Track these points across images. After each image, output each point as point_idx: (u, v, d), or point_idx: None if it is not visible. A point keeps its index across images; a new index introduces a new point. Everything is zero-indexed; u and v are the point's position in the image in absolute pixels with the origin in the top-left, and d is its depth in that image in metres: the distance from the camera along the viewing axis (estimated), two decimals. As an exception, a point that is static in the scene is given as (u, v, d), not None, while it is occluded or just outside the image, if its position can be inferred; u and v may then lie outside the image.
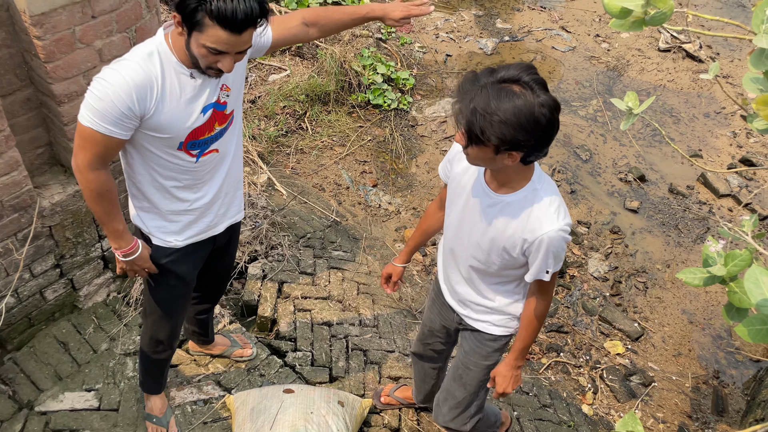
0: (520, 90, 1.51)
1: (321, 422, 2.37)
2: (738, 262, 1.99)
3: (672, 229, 4.54)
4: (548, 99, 1.52)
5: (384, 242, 3.96)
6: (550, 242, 1.70)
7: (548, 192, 1.72)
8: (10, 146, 2.16)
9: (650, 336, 3.80)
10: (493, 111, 1.49)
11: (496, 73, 1.55)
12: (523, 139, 1.52)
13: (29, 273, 2.54)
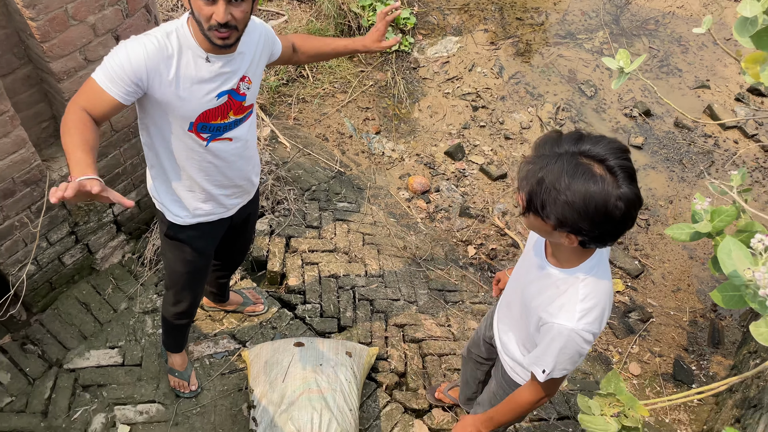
0: (601, 173, 1.31)
1: (330, 373, 2.52)
2: (724, 217, 2.05)
3: (676, 164, 4.56)
4: (629, 193, 1.32)
5: (388, 191, 4.03)
6: (557, 337, 1.53)
7: (590, 288, 1.51)
8: (15, 125, 2.22)
9: (650, 273, 3.90)
10: (561, 189, 1.32)
11: (581, 143, 1.35)
12: (587, 228, 1.36)
13: (46, 242, 2.65)
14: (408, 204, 4.03)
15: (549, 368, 1.59)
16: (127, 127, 2.67)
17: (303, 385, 2.44)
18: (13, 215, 2.43)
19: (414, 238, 3.70)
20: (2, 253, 2.49)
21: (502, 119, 4.69)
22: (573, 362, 1.57)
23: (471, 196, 4.18)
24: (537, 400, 1.73)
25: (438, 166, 4.34)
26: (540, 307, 1.59)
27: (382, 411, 2.75)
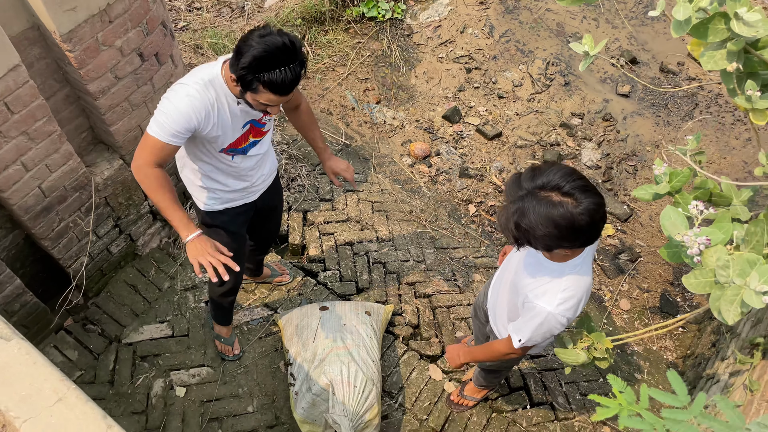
0: (559, 200, 1.56)
1: (353, 331, 2.92)
2: (680, 178, 2.38)
3: (662, 109, 4.81)
4: (589, 205, 1.57)
5: (392, 158, 4.35)
6: (537, 315, 1.84)
7: (572, 281, 1.81)
8: (63, 142, 2.56)
9: (638, 215, 4.23)
10: (534, 225, 1.58)
11: (536, 179, 1.61)
12: (569, 243, 1.63)
13: (95, 236, 3.03)
14: (411, 169, 4.35)
15: (524, 339, 1.93)
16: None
17: (331, 344, 2.84)
18: (67, 217, 2.79)
19: (419, 202, 4.03)
20: (60, 249, 2.86)
21: (494, 79, 4.93)
22: (544, 338, 1.91)
23: (469, 157, 4.49)
24: (507, 353, 2.10)
25: (437, 130, 4.63)
26: (527, 288, 1.89)
27: (400, 359, 3.16)
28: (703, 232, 1.72)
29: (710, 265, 1.68)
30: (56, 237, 2.80)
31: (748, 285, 1.46)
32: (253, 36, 1.84)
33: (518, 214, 1.61)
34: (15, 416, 1.14)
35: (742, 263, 1.55)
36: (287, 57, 1.83)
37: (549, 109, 4.78)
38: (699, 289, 1.70)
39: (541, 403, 3.13)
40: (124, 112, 2.74)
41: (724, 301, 1.52)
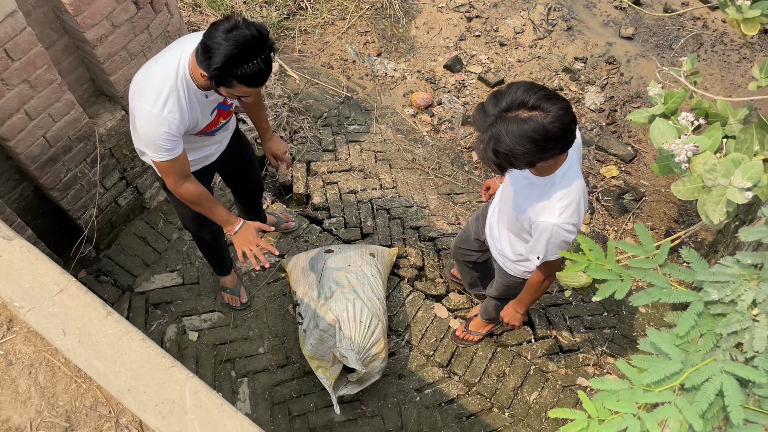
0: (527, 115, 1.59)
1: (358, 272, 2.97)
2: (675, 99, 2.39)
3: (666, 50, 4.75)
4: (557, 111, 1.60)
5: (394, 109, 4.35)
6: (543, 231, 1.89)
7: (565, 188, 1.85)
8: (64, 91, 2.60)
9: (642, 156, 4.22)
10: (512, 147, 1.60)
11: (500, 102, 1.62)
12: (549, 153, 1.66)
13: (103, 188, 3.09)
14: (413, 119, 4.35)
15: (541, 255, 1.98)
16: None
17: (336, 283, 2.90)
18: (74, 167, 2.85)
19: (421, 150, 4.05)
20: (69, 200, 2.93)
21: (496, 26, 4.89)
22: (560, 248, 1.93)
23: (472, 105, 4.48)
24: (542, 281, 2.17)
25: (438, 80, 4.62)
26: (529, 210, 1.94)
27: (406, 299, 3.23)
28: (691, 140, 1.73)
29: (698, 171, 1.69)
30: (64, 188, 2.86)
31: (733, 183, 1.47)
32: (218, 32, 1.81)
33: (493, 140, 1.62)
34: (19, 306, 1.21)
35: (727, 164, 1.56)
36: (258, 49, 1.82)
37: (551, 54, 4.74)
38: (687, 196, 1.72)
39: (545, 337, 3.18)
40: (122, 62, 2.77)
41: (710, 201, 1.54)
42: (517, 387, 3.03)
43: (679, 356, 0.87)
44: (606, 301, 3.39)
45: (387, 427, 2.90)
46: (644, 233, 1.18)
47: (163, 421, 1.08)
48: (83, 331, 1.16)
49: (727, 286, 0.88)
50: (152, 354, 1.18)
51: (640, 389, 0.90)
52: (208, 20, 4.34)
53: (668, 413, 0.83)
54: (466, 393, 3.00)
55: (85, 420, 1.16)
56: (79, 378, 1.19)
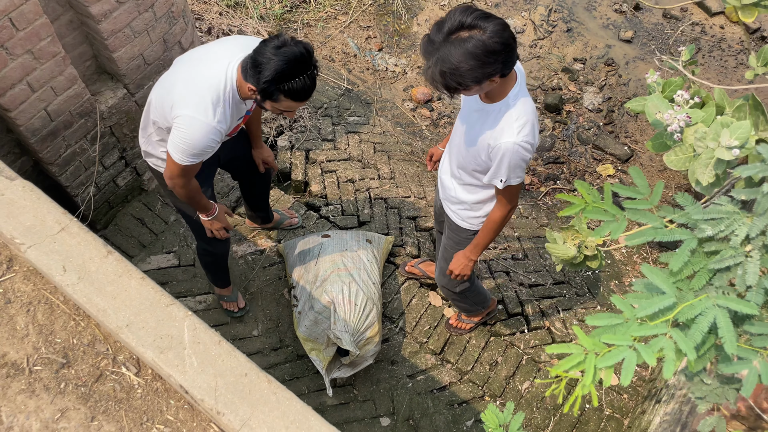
0: (468, 34, 1.67)
1: (354, 256, 2.98)
2: (673, 87, 2.41)
3: (664, 54, 4.79)
4: (494, 27, 1.67)
5: (394, 103, 4.38)
6: (505, 152, 1.92)
7: (519, 108, 1.90)
8: (67, 64, 2.61)
9: (639, 156, 4.26)
10: (456, 66, 1.67)
11: (443, 27, 1.70)
12: (493, 69, 1.72)
13: (102, 166, 3.09)
14: (413, 113, 4.38)
15: (504, 177, 2.00)
16: (158, 60, 3.04)
17: (332, 266, 2.91)
18: (74, 143, 2.86)
19: (420, 143, 4.07)
20: (68, 177, 2.94)
21: (497, 26, 4.93)
22: (521, 168, 1.99)
23: (471, 101, 4.51)
24: (507, 213, 2.16)
25: (439, 76, 4.65)
26: (486, 138, 1.97)
27: (401, 287, 3.23)
28: (683, 111, 1.76)
29: (690, 141, 1.72)
30: (63, 163, 2.87)
31: (721, 143, 1.50)
32: (268, 48, 1.89)
33: (439, 63, 1.69)
34: (20, 243, 1.21)
35: (716, 127, 1.59)
36: (305, 65, 1.90)
37: (551, 54, 4.78)
38: (679, 165, 1.74)
39: (538, 328, 3.19)
40: (126, 39, 2.79)
41: (699, 164, 1.56)
42: (509, 376, 3.03)
43: (672, 291, 0.88)
44: (600, 296, 3.40)
45: (379, 411, 2.91)
46: (639, 176, 1.20)
47: (161, 355, 1.09)
48: (83, 268, 1.16)
49: (721, 222, 0.90)
50: (152, 292, 1.18)
51: (635, 323, 0.91)
52: (212, 9, 4.37)
53: (663, 344, 0.84)
54: (458, 380, 3.01)
55: (83, 357, 1.17)
56: (78, 316, 1.19)
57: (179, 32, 3.07)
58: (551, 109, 4.44)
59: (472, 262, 2.37)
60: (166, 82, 2.12)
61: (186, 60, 2.14)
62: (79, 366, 1.17)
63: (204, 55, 2.12)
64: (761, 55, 2.16)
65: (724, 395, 1.01)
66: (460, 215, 2.36)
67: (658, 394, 2.66)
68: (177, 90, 2.05)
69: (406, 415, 2.90)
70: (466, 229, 2.38)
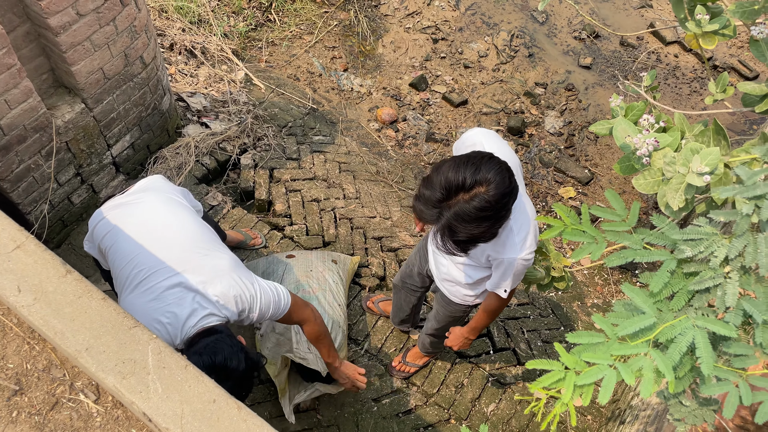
0: (469, 196, 1.55)
1: (319, 277, 2.93)
2: (636, 112, 2.47)
3: (622, 81, 4.94)
4: (495, 178, 1.55)
5: (359, 123, 4.37)
6: (509, 266, 1.86)
7: (519, 221, 1.82)
8: (23, 77, 2.51)
9: (599, 179, 4.35)
10: (469, 232, 1.57)
11: (435, 191, 1.57)
12: (506, 217, 1.63)
13: (57, 183, 2.98)
14: (378, 134, 4.38)
15: (508, 288, 1.97)
16: (118, 74, 2.96)
17: (296, 287, 2.85)
18: (27, 159, 2.74)
19: (386, 164, 4.07)
20: (20, 193, 2.81)
21: (461, 49, 5.00)
22: (522, 275, 1.95)
23: (436, 123, 4.54)
24: (503, 305, 2.15)
25: (404, 97, 4.67)
26: (485, 248, 1.89)
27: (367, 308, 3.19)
28: (652, 135, 1.80)
29: (658, 166, 1.75)
30: (15, 180, 2.74)
31: (692, 169, 1.53)
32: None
33: (448, 232, 1.59)
34: (-30, 262, 1.13)
35: (686, 152, 1.62)
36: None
37: (513, 78, 4.87)
38: (647, 189, 1.77)
39: (504, 348, 3.19)
40: (86, 52, 2.71)
41: (670, 189, 1.59)
42: (475, 398, 3.01)
43: (653, 311, 0.88)
44: (563, 316, 3.43)
45: (343, 437, 2.84)
46: (615, 198, 1.20)
47: (123, 381, 1.01)
48: (40, 289, 1.09)
49: (700, 243, 0.90)
50: (114, 313, 1.11)
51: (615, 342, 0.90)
52: (175, 25, 4.30)
53: (643, 363, 0.83)
54: (424, 404, 2.97)
55: (37, 383, 1.08)
56: (33, 340, 1.11)
57: (141, 47, 3.00)
58: (514, 132, 4.51)
59: (470, 341, 2.36)
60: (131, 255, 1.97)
61: (167, 259, 1.94)
62: (33, 393, 1.08)
63: (188, 278, 1.91)
64: (720, 81, 2.24)
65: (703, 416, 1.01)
66: (453, 292, 2.31)
67: (622, 415, 2.68)
68: (134, 311, 1.88)
69: (372, 439, 2.84)
70: (460, 304, 2.36)
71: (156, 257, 1.92)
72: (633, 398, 2.66)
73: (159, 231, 2.02)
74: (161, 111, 3.40)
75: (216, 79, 4.13)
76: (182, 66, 4.11)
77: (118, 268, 1.98)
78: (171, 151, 3.54)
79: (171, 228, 2.03)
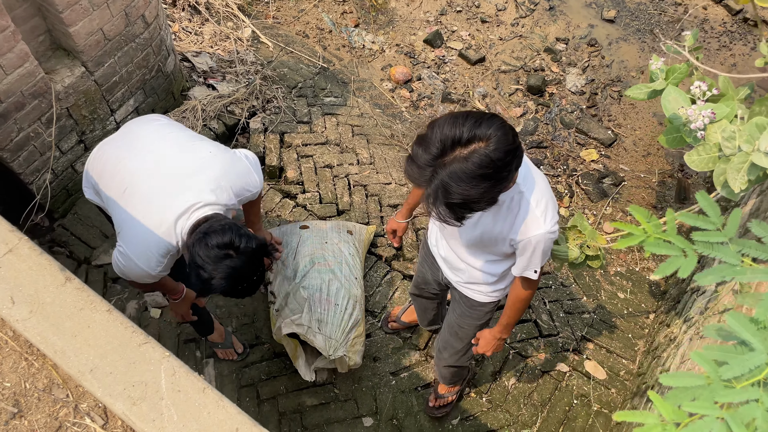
0: (468, 152, 1.36)
1: (335, 249, 2.82)
2: (677, 75, 2.28)
3: (647, 34, 4.70)
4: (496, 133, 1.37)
5: (372, 83, 4.18)
6: (537, 244, 1.69)
7: (534, 192, 1.66)
8: (18, 40, 2.35)
9: (622, 141, 4.17)
10: (465, 193, 1.37)
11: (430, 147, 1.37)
12: (507, 180, 1.44)
13: (59, 151, 2.84)
14: (392, 94, 4.19)
15: (538, 267, 1.78)
16: (119, 35, 2.79)
17: (311, 261, 2.74)
18: (26, 127, 2.60)
19: (400, 126, 3.90)
20: (21, 163, 2.68)
21: (477, 3, 4.75)
22: (550, 251, 1.78)
23: (452, 82, 4.34)
24: (533, 290, 1.95)
25: (418, 55, 4.46)
26: (504, 232, 1.73)
27: (383, 279, 3.09)
28: (708, 106, 1.63)
29: (714, 140, 1.59)
30: (15, 149, 2.61)
31: (758, 148, 1.37)
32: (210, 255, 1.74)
33: (441, 193, 1.38)
34: (-42, 270, 1.01)
35: (750, 129, 1.46)
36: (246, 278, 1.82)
37: (533, 34, 4.63)
38: (702, 166, 1.62)
39: (525, 320, 3.09)
40: (84, 12, 2.53)
41: (731, 169, 1.44)
42: (496, 372, 2.93)
43: (764, 346, 0.74)
44: (585, 286, 3.32)
45: (361, 411, 2.78)
46: (709, 204, 1.01)
47: (134, 407, 0.91)
48: (36, 300, 0.97)
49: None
50: (121, 328, 1.00)
51: (719, 385, 0.77)
52: None
53: (755, 413, 0.71)
54: (443, 377, 2.89)
55: (37, 405, 0.98)
56: (31, 355, 1.01)
57: (143, 5, 2.81)
58: (534, 91, 4.31)
59: (503, 341, 2.14)
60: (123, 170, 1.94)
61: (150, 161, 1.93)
62: (34, 416, 0.98)
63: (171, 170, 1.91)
64: (775, 42, 2.04)
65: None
66: (480, 290, 2.11)
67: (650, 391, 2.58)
68: (124, 220, 1.89)
69: (390, 414, 2.78)
70: (487, 302, 2.15)
71: (138, 163, 1.93)
72: (662, 374, 2.56)
73: (139, 141, 2.02)
74: (165, 73, 3.23)
75: (222, 37, 3.93)
76: (186, 23, 3.91)
77: (107, 187, 1.98)
78: (177, 115, 3.38)
79: (149, 137, 2.03)
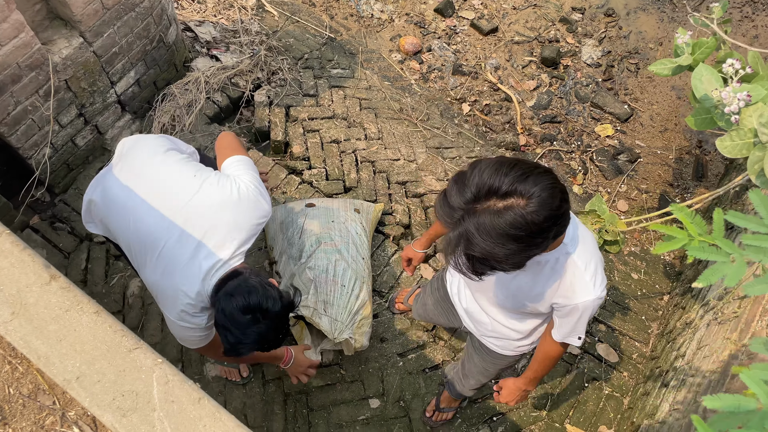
0: (503, 204, 1.20)
1: (342, 228, 2.74)
2: (704, 49, 2.16)
3: (666, 3, 4.52)
4: (540, 194, 1.20)
5: (380, 54, 4.05)
6: (585, 310, 1.54)
7: (582, 254, 1.49)
8: (12, 9, 2.25)
9: (639, 115, 4.04)
10: (488, 250, 1.21)
11: (465, 190, 1.22)
12: (540, 248, 1.26)
13: (58, 125, 2.76)
14: (401, 66, 4.06)
15: (583, 334, 1.65)
16: (118, 4, 2.67)
17: (317, 240, 2.67)
18: (24, 100, 2.51)
19: (409, 100, 3.78)
20: (19, 137, 2.60)
21: (490, -30, 4.57)
22: (596, 313, 1.67)
23: (463, 54, 4.20)
24: (566, 350, 1.86)
25: (428, 24, 4.31)
26: (547, 295, 1.58)
27: (391, 258, 3.02)
28: (744, 88, 1.52)
29: (749, 125, 1.49)
30: (13, 123, 2.53)
31: (802, 136, 1.27)
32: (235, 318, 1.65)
33: (463, 243, 1.23)
34: (-68, 267, 0.94)
35: (793, 115, 1.36)
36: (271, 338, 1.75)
37: (548, 3, 4.46)
38: (735, 153, 1.52)
39: (536, 302, 3.02)
40: (80, -21, 2.42)
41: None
42: (505, 354, 2.87)
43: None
44: (598, 266, 3.24)
45: (367, 392, 2.73)
46: (763, 203, 0.89)
47: (123, 419, 0.84)
48: (19, 300, 0.90)
49: None
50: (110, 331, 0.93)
51: None
52: None
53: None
54: (451, 359, 2.84)
55: (22, 412, 0.92)
56: (15, 358, 0.94)
57: (142, -28, 2.70)
58: (548, 63, 4.16)
59: (527, 393, 2.04)
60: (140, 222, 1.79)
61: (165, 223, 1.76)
62: (19, 423, 0.92)
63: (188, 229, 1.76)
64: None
65: None
66: (503, 346, 2.00)
67: (665, 376, 2.53)
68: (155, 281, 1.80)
69: (397, 396, 2.74)
70: (512, 356, 2.05)
71: (151, 219, 1.77)
72: (677, 359, 2.50)
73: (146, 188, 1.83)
74: (167, 43, 3.12)
75: (225, 5, 3.80)
76: (189, -9, 3.77)
77: (122, 241, 1.89)
78: (180, 88, 3.28)
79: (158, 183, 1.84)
